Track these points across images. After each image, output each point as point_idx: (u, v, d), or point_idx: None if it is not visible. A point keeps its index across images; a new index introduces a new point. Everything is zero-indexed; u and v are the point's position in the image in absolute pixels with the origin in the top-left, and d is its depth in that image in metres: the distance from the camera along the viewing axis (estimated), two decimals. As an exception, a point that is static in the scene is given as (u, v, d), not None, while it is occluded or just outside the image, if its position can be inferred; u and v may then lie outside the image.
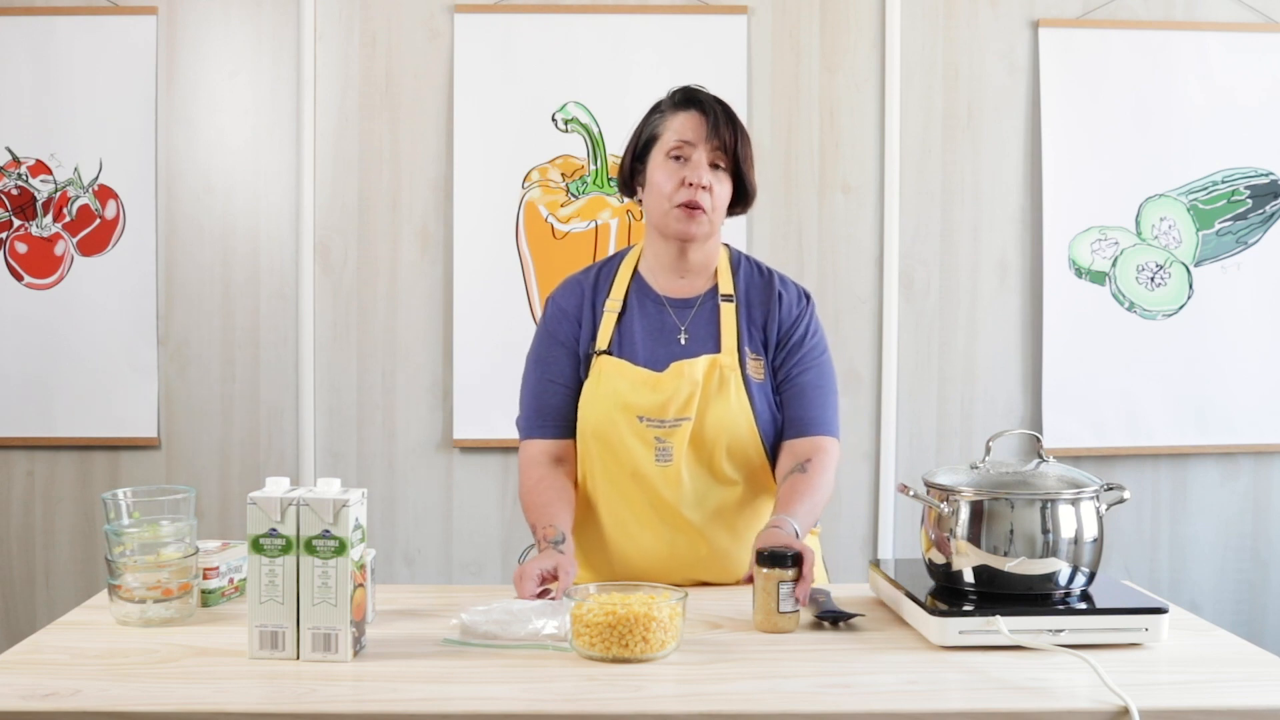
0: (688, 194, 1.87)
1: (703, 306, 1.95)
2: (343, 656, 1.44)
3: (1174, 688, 1.36)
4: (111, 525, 1.66)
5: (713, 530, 1.89)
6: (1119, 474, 3.16)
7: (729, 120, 1.90)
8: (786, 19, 3.13)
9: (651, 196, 1.93)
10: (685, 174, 1.87)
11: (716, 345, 1.91)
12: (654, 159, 1.92)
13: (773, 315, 1.94)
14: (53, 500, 3.15)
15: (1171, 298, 3.17)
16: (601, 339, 1.94)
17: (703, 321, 1.94)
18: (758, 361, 1.92)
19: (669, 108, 1.94)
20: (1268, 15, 3.17)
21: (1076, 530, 1.54)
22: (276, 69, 3.11)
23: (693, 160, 1.88)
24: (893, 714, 1.29)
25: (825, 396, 1.94)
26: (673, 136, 1.89)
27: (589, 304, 1.97)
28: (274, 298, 3.13)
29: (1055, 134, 3.14)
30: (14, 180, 3.10)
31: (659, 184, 1.90)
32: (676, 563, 1.90)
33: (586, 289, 1.99)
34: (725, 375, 1.88)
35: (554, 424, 1.98)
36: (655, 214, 1.93)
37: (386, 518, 3.15)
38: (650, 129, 1.94)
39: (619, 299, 1.96)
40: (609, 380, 1.90)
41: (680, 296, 1.96)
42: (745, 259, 2.02)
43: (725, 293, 1.95)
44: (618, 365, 1.91)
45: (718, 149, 1.88)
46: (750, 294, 1.96)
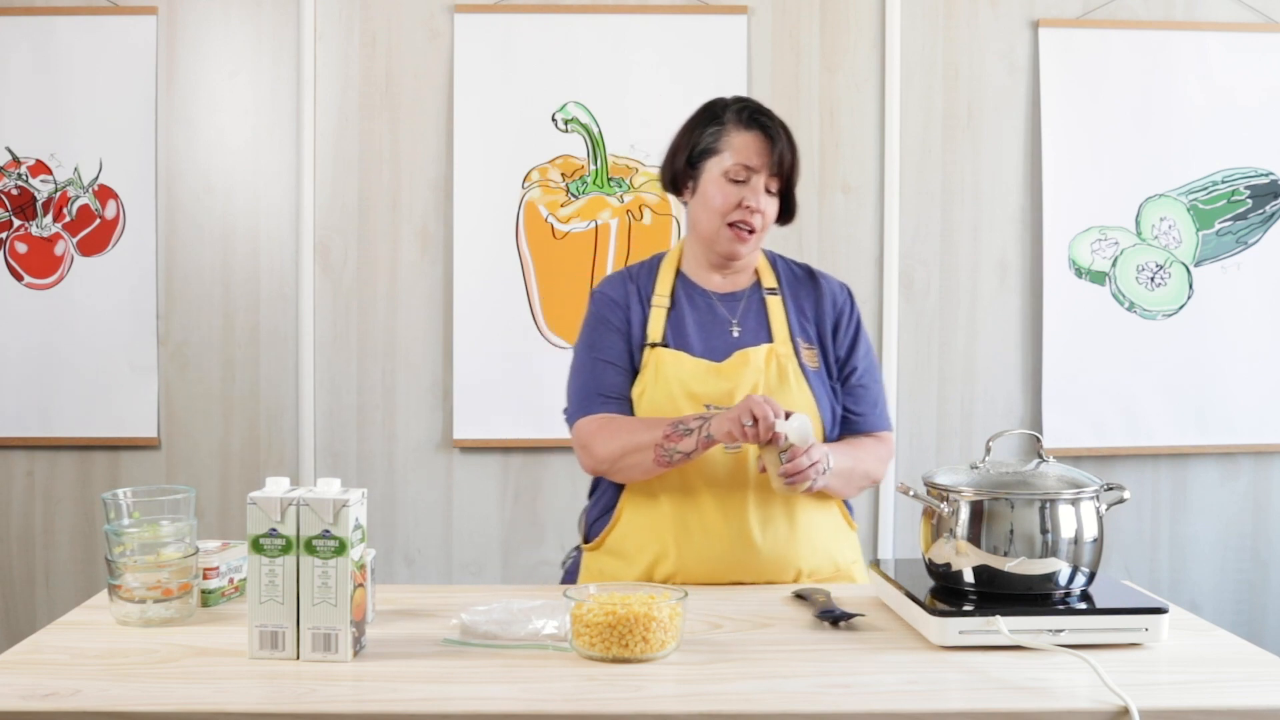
0: (742, 215, 1.91)
1: (750, 300, 1.99)
2: (343, 656, 1.44)
3: (1174, 688, 1.36)
4: (111, 525, 1.66)
5: (773, 523, 1.89)
6: (1119, 474, 3.16)
7: (790, 146, 1.93)
8: (786, 19, 3.13)
9: (702, 209, 1.95)
10: (743, 196, 1.90)
11: (769, 336, 1.95)
12: (709, 171, 1.93)
13: (821, 306, 1.99)
14: (53, 500, 3.15)
15: (1171, 298, 3.17)
16: (653, 332, 1.95)
17: (752, 313, 1.98)
18: (811, 350, 1.96)
19: (733, 123, 1.93)
20: (1268, 15, 3.17)
21: (1076, 530, 1.54)
22: (276, 69, 3.11)
23: (751, 184, 1.91)
24: (893, 714, 1.29)
25: (877, 393, 2.01)
26: (734, 158, 1.91)
27: (636, 297, 1.99)
28: (274, 298, 3.13)
29: (1055, 134, 3.14)
30: (14, 180, 3.10)
31: (712, 199, 1.92)
32: (733, 560, 1.88)
33: (633, 282, 2.01)
34: (783, 364, 1.92)
35: (612, 401, 1.95)
36: (704, 227, 1.95)
37: (386, 518, 3.15)
38: (709, 140, 1.94)
39: (666, 294, 1.99)
40: (669, 370, 1.91)
41: (726, 291, 2.00)
42: (780, 258, 2.06)
43: (769, 286, 2.00)
44: (676, 356, 1.92)
45: (774, 175, 1.91)
46: (792, 287, 2.01)
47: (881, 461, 1.98)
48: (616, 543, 1.96)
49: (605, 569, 1.96)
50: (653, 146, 3.11)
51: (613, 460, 1.90)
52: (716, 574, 1.87)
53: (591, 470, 1.98)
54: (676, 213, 3.12)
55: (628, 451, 1.87)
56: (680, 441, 1.82)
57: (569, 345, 3.11)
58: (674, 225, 3.12)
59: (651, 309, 1.97)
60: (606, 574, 1.95)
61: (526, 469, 3.15)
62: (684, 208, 2.03)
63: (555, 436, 3.12)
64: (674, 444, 1.82)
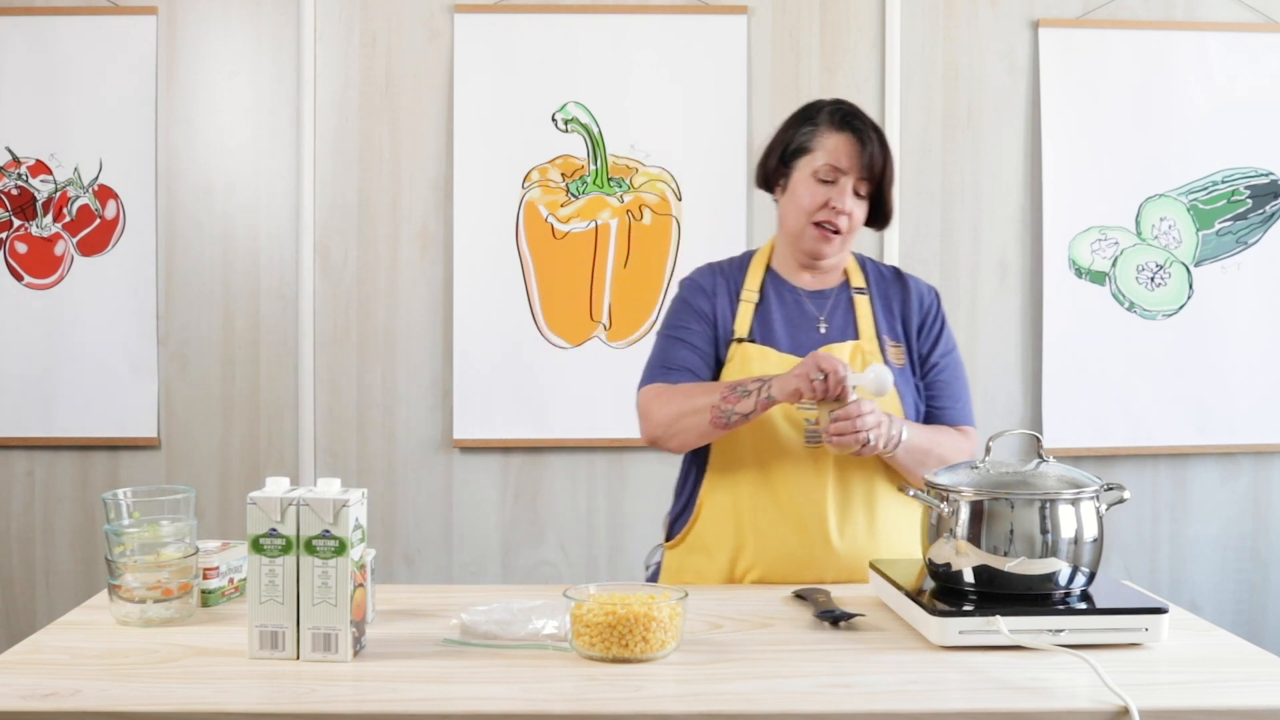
0: (828, 215, 1.93)
1: (838, 298, 2.01)
2: (343, 656, 1.44)
3: (1174, 688, 1.36)
4: (111, 525, 1.66)
5: (850, 520, 1.90)
6: (1119, 474, 3.16)
7: (882, 148, 1.94)
8: (786, 19, 3.13)
9: (791, 206, 1.98)
10: (830, 197, 1.92)
11: (855, 333, 1.97)
12: (800, 170, 1.96)
13: (908, 305, 2.01)
14: (53, 500, 3.15)
15: (1171, 298, 3.17)
16: (740, 327, 1.97)
17: (839, 311, 2.00)
18: (897, 348, 1.98)
19: (826, 124, 1.96)
20: (1268, 15, 3.17)
21: (1076, 530, 1.54)
22: (276, 69, 3.11)
23: (839, 185, 1.93)
24: (893, 714, 1.29)
25: (959, 390, 2.03)
26: (824, 158, 1.93)
27: (724, 290, 2.01)
28: (274, 298, 3.13)
29: (1055, 134, 3.14)
30: (14, 180, 3.10)
31: (800, 198, 1.95)
32: (810, 557, 1.88)
33: (722, 276, 2.03)
34: (868, 360, 1.93)
35: (679, 373, 1.96)
36: (792, 225, 1.98)
37: (386, 518, 3.15)
38: (802, 139, 1.97)
39: (755, 289, 2.00)
40: (754, 365, 1.93)
41: (815, 289, 2.02)
42: (869, 260, 2.08)
43: (857, 285, 2.02)
44: (762, 351, 1.94)
45: (863, 178, 1.93)
46: (880, 287, 2.03)
47: (961, 452, 1.97)
48: (696, 539, 1.97)
49: (686, 565, 1.97)
50: (653, 146, 3.11)
51: (668, 424, 1.90)
52: (794, 571, 1.88)
53: (649, 437, 1.95)
54: (676, 213, 3.12)
55: (684, 414, 1.88)
56: (738, 403, 1.84)
57: (569, 345, 3.12)
58: (674, 225, 3.12)
59: (740, 304, 1.99)
60: (687, 570, 1.96)
61: (526, 469, 3.15)
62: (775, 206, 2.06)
63: (555, 436, 3.13)
64: (731, 405, 1.84)
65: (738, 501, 1.92)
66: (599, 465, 3.16)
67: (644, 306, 3.12)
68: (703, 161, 3.12)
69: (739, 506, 1.92)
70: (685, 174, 3.12)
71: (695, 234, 3.12)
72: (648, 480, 3.15)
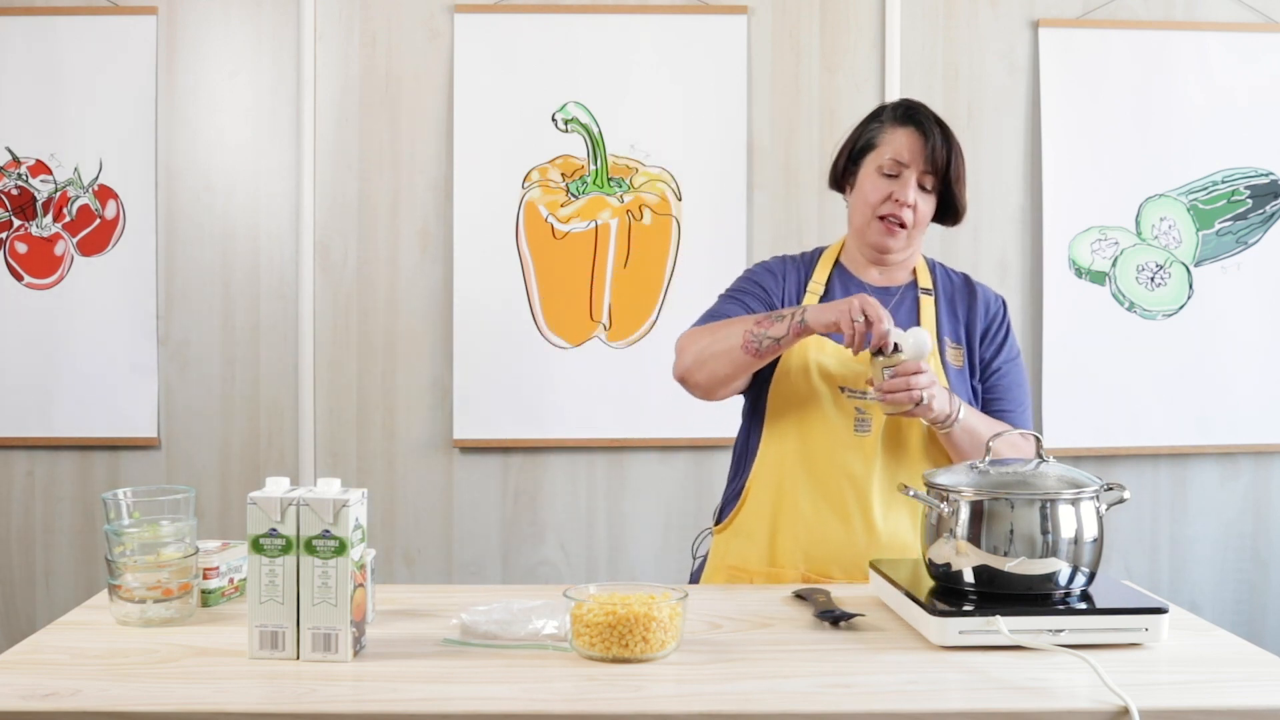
0: (891, 208, 1.94)
1: (904, 297, 2.02)
2: (343, 656, 1.44)
3: (1174, 688, 1.36)
4: (111, 525, 1.66)
5: (895, 514, 1.90)
6: (1119, 474, 3.16)
7: (945, 142, 1.94)
8: (786, 19, 3.14)
9: (857, 202, 2.00)
10: (893, 189, 1.94)
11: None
12: (866, 167, 1.98)
13: (974, 311, 2.01)
14: (53, 500, 3.15)
15: (1171, 298, 3.17)
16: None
17: (904, 310, 2.00)
18: (957, 350, 1.98)
19: (890, 120, 1.98)
20: (1268, 15, 3.17)
21: (1076, 530, 1.54)
22: (276, 69, 3.11)
23: (902, 178, 1.94)
24: (893, 714, 1.29)
25: (1020, 397, 2.02)
26: (888, 152, 1.95)
27: (795, 279, 2.03)
28: (274, 298, 3.13)
29: (1055, 134, 3.14)
30: (14, 180, 3.10)
31: (866, 193, 1.97)
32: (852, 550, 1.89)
33: (794, 265, 2.06)
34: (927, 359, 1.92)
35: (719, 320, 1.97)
36: (858, 219, 2.00)
37: (386, 518, 3.15)
38: (868, 136, 2.00)
39: (821, 282, 2.02)
40: (810, 353, 1.94)
41: (882, 285, 2.03)
42: (939, 265, 2.09)
43: (924, 286, 2.03)
44: (819, 341, 1.94)
45: (927, 171, 1.94)
46: (948, 291, 2.04)
47: (1013, 447, 1.95)
48: (742, 524, 1.98)
49: (731, 549, 1.99)
50: (652, 146, 3.11)
51: (699, 353, 1.90)
52: (836, 557, 1.89)
53: (679, 372, 1.94)
54: (676, 213, 3.12)
55: (716, 341, 1.89)
56: (771, 327, 1.84)
57: (569, 345, 3.12)
58: (674, 225, 3.12)
59: (806, 295, 2.01)
60: (732, 554, 1.98)
61: (526, 469, 3.15)
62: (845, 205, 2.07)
63: (555, 436, 3.13)
64: (765, 329, 1.84)
65: (781, 487, 1.94)
66: (599, 465, 3.16)
67: (644, 306, 3.12)
68: (703, 161, 3.12)
69: (783, 492, 1.93)
70: (685, 174, 3.12)
71: (695, 234, 3.12)
72: (648, 480, 3.15)
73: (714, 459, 3.15)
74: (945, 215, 2.02)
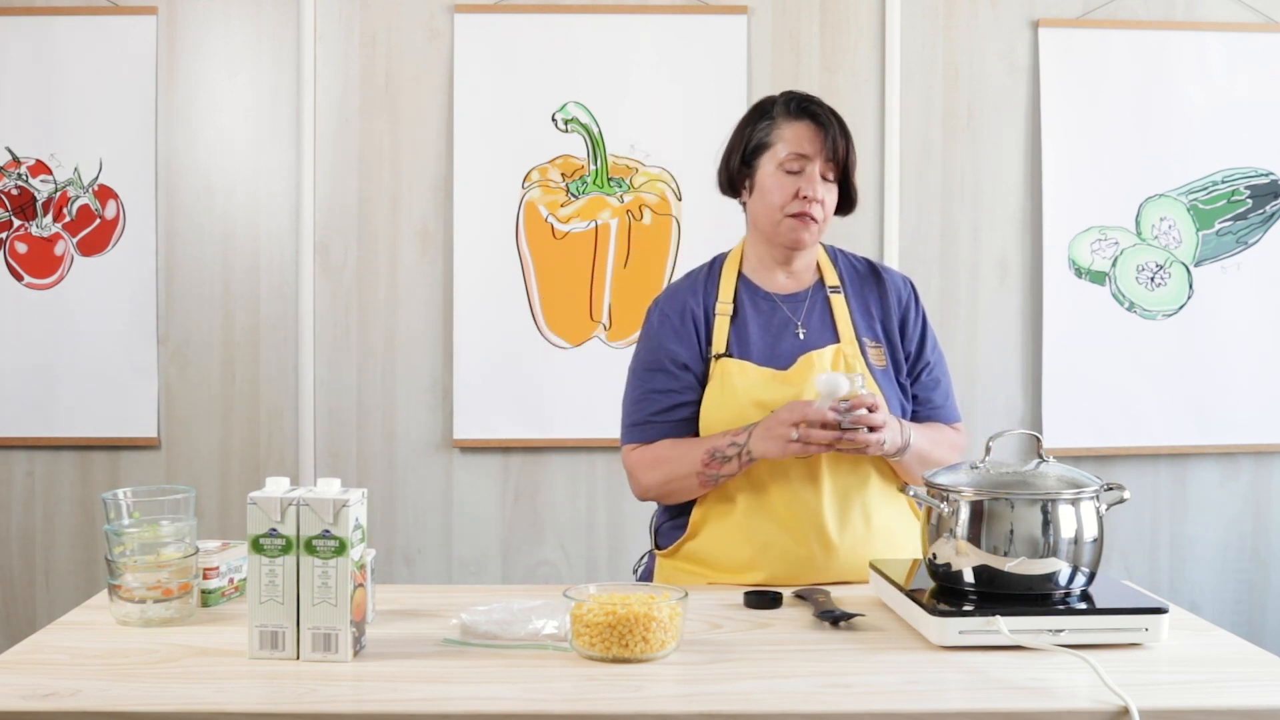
0: (801, 206, 1.91)
1: (813, 299, 1.99)
2: (343, 656, 1.44)
3: (1174, 688, 1.36)
4: (111, 525, 1.66)
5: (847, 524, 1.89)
6: (1119, 474, 3.16)
7: (843, 132, 1.92)
8: (786, 19, 3.14)
9: (760, 204, 1.95)
10: (800, 186, 1.90)
11: (834, 336, 1.95)
12: (764, 167, 1.94)
13: (886, 301, 1.99)
14: (53, 500, 3.15)
15: (1171, 298, 3.17)
16: (718, 342, 1.95)
17: (816, 314, 1.97)
18: (877, 349, 1.96)
19: (782, 116, 1.94)
20: (1268, 15, 3.17)
21: (1076, 530, 1.54)
22: (276, 69, 3.11)
23: (806, 173, 1.91)
24: (893, 714, 1.29)
25: (947, 386, 2.02)
26: (787, 149, 1.91)
27: (698, 308, 1.98)
28: (274, 298, 3.13)
29: (1055, 134, 3.14)
30: (14, 180, 3.10)
31: (770, 193, 1.93)
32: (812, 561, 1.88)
33: (695, 294, 2.00)
34: (850, 364, 1.91)
35: (656, 427, 1.97)
36: (764, 221, 1.95)
37: (386, 518, 3.15)
38: (761, 135, 1.95)
39: (729, 300, 1.98)
40: (736, 381, 1.91)
41: (789, 292, 1.99)
42: (840, 252, 2.06)
43: (832, 284, 1.99)
44: (740, 366, 1.92)
45: (830, 161, 1.91)
46: (855, 284, 2.01)
47: (956, 449, 1.97)
48: (692, 552, 1.96)
49: (682, 570, 1.97)
50: (652, 146, 3.11)
51: (658, 488, 1.94)
52: (798, 576, 1.87)
53: (640, 497, 2.00)
54: (676, 213, 3.12)
55: (671, 479, 1.92)
56: (722, 468, 1.86)
57: (569, 345, 3.12)
58: (674, 225, 3.12)
59: (715, 317, 1.96)
60: (681, 577, 1.96)
61: (526, 469, 3.15)
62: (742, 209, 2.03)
63: (555, 436, 3.13)
64: (715, 470, 1.87)
65: (734, 516, 1.91)
66: (599, 465, 3.16)
67: (644, 307, 3.10)
68: (703, 161, 3.10)
69: (737, 521, 1.90)
70: (685, 174, 3.12)
71: (695, 234, 3.12)
72: (648, 480, 3.15)
73: (714, 459, 3.14)
74: (840, 205, 1.98)
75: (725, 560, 1.92)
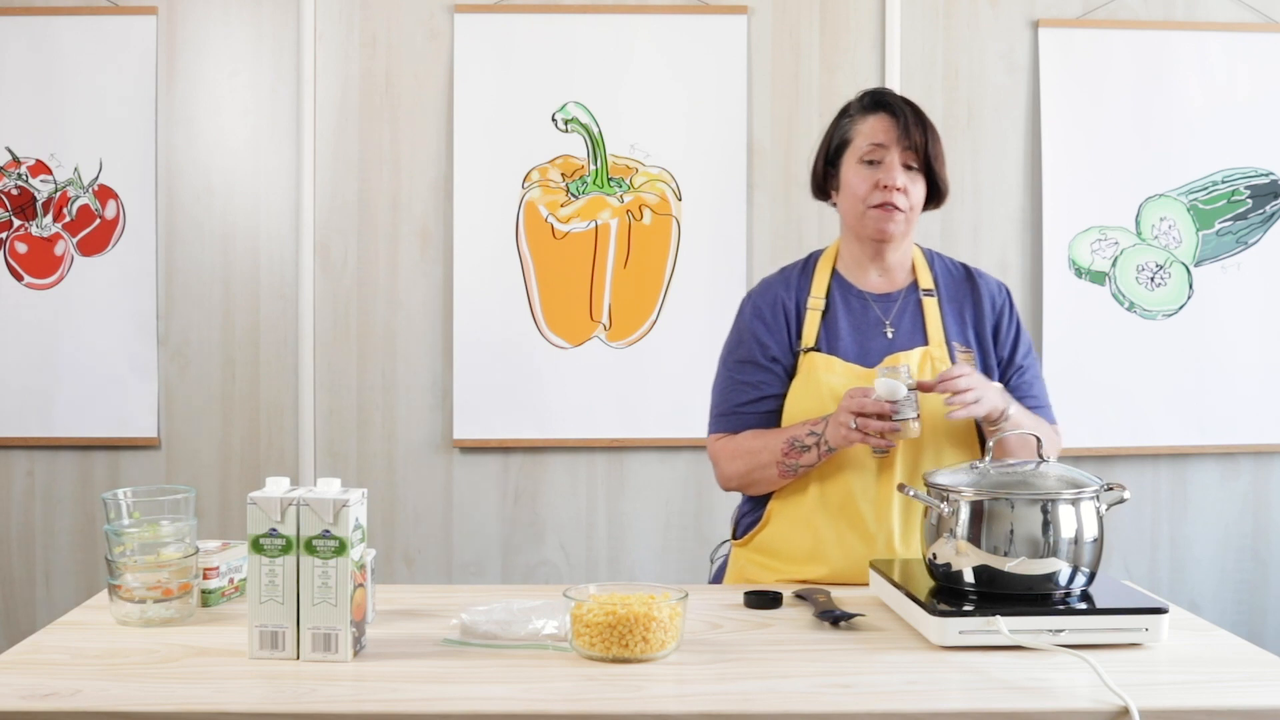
0: (882, 195, 1.92)
1: (905, 301, 2.00)
2: (343, 656, 1.44)
3: (1174, 688, 1.36)
4: (111, 525, 1.66)
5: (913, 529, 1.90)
6: (1119, 474, 3.16)
7: (919, 121, 1.93)
8: (786, 19, 3.14)
9: (846, 199, 1.97)
10: (879, 176, 1.92)
11: (923, 338, 1.96)
12: (847, 163, 1.97)
13: (980, 308, 1.99)
14: (53, 500, 3.15)
15: (1171, 298, 3.17)
16: (808, 336, 1.96)
17: (907, 315, 1.98)
18: (967, 354, 1.96)
19: (858, 112, 1.97)
20: (1268, 15, 3.17)
21: (1076, 530, 1.54)
22: (276, 69, 3.11)
23: (885, 162, 1.92)
24: (893, 714, 1.29)
25: (1042, 390, 2.01)
26: (864, 141, 1.94)
27: (790, 301, 2.00)
28: (274, 298, 3.13)
29: (1055, 134, 3.14)
30: (14, 180, 3.10)
31: (853, 187, 1.94)
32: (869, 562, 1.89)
33: (788, 289, 2.02)
34: (936, 367, 1.91)
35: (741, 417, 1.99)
36: (851, 216, 1.97)
37: (386, 518, 3.15)
38: (841, 134, 1.98)
39: (821, 296, 1.99)
40: (821, 375, 1.93)
41: (882, 292, 2.00)
42: (938, 256, 2.06)
43: (926, 287, 2.00)
44: (828, 361, 1.93)
45: (909, 150, 1.92)
46: (950, 288, 2.01)
47: (1054, 447, 1.96)
48: (764, 543, 1.98)
49: (752, 563, 2.00)
50: (652, 146, 3.11)
51: (741, 478, 1.97)
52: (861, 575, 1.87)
53: (724, 487, 2.02)
54: (676, 213, 3.12)
55: (753, 469, 1.94)
56: (800, 457, 1.88)
57: (569, 345, 3.12)
58: (674, 225, 3.12)
59: (807, 312, 1.98)
60: (752, 568, 1.99)
61: (526, 469, 3.15)
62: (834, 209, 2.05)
63: (555, 436, 3.13)
64: (795, 460, 1.89)
65: (806, 512, 1.93)
66: (599, 465, 3.16)
67: (644, 306, 3.12)
68: (703, 161, 3.12)
69: (807, 517, 1.93)
70: (685, 174, 3.12)
71: (695, 234, 3.12)
72: (648, 480, 3.15)
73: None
74: (929, 198, 1.98)
75: (790, 551, 1.94)
